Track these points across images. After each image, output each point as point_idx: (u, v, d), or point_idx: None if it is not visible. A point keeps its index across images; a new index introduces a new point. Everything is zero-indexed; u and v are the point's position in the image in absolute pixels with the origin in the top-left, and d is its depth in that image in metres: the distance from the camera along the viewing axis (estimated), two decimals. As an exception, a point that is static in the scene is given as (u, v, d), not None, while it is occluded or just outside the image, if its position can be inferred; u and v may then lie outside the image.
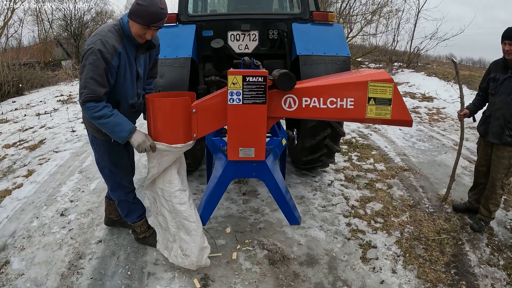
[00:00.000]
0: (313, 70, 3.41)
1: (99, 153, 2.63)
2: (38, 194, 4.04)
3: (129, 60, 2.31)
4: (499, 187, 3.33)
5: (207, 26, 3.79)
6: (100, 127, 2.31)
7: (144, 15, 2.14)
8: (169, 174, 2.44)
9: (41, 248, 3.04)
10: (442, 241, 3.22)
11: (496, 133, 3.24)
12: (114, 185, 2.76)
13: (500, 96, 3.23)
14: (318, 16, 3.77)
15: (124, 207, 2.87)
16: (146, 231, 3.00)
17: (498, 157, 3.30)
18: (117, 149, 2.63)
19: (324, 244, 3.11)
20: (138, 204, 2.92)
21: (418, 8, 14.84)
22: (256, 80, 2.06)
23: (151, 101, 2.24)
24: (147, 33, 2.23)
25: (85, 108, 2.20)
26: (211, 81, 3.72)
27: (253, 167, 2.27)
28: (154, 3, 2.14)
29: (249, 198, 3.87)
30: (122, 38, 2.25)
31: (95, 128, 2.47)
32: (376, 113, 2.28)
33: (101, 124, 2.25)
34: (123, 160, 2.72)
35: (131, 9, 2.19)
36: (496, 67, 3.36)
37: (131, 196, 2.84)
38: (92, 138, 2.59)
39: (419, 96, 10.09)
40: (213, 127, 2.29)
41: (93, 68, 2.12)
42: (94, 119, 2.24)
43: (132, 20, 2.20)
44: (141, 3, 2.13)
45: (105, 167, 2.69)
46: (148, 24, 2.18)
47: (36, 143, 6.06)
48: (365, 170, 4.74)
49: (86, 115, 2.29)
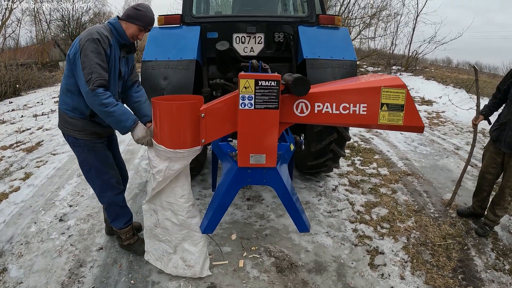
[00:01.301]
0: (320, 74, 3.36)
1: (84, 155, 2.60)
2: (35, 198, 3.96)
3: (114, 58, 2.46)
4: (508, 194, 3.29)
5: (212, 27, 3.73)
6: (104, 116, 2.32)
7: (144, 18, 2.48)
8: (180, 188, 2.40)
9: (40, 255, 2.96)
10: (448, 246, 3.20)
11: (509, 143, 3.14)
12: (102, 186, 2.71)
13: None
14: (324, 20, 3.72)
15: (112, 211, 2.82)
16: (131, 238, 2.95)
17: (510, 166, 3.23)
18: (103, 147, 2.63)
19: (332, 250, 3.07)
20: (126, 208, 2.89)
21: (417, 12, 14.93)
22: (269, 85, 2.00)
23: (158, 104, 2.17)
24: (141, 34, 2.54)
25: (95, 94, 2.23)
26: (215, 84, 3.67)
27: (263, 174, 2.20)
28: (150, 10, 2.54)
29: (253, 204, 3.80)
30: (111, 36, 2.44)
31: (76, 129, 2.50)
32: (389, 119, 2.23)
33: (108, 112, 2.28)
34: (110, 159, 2.70)
35: (129, 14, 2.47)
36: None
37: (121, 199, 2.80)
38: (73, 140, 2.56)
39: (419, 100, 10.10)
40: (223, 132, 2.22)
41: (96, 54, 2.26)
42: (102, 106, 2.26)
43: (130, 23, 2.48)
44: (141, 9, 2.48)
45: (91, 168, 2.63)
46: (145, 26, 2.52)
47: (33, 145, 5.97)
48: (369, 174, 4.70)
49: (94, 103, 2.27)
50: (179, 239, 2.54)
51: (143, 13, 2.47)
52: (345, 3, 14.94)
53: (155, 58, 3.42)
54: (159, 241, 2.64)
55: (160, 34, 3.63)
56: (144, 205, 2.56)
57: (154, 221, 2.56)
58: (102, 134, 2.61)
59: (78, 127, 2.49)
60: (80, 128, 2.49)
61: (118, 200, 2.77)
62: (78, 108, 2.45)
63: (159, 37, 3.60)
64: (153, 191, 2.39)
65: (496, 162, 3.35)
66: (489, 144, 3.44)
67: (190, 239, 2.54)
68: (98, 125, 2.54)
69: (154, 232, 2.61)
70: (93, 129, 2.53)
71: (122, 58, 2.55)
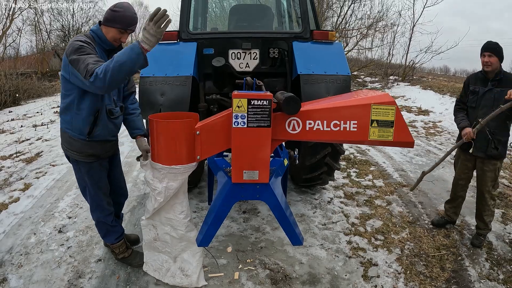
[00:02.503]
0: (314, 89, 3.44)
1: (79, 174, 2.67)
2: (35, 209, 4.02)
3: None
4: (489, 199, 3.39)
5: (208, 44, 3.81)
6: (118, 70, 2.05)
7: (121, 19, 2.35)
8: (179, 205, 2.47)
9: (39, 265, 3.00)
10: (442, 257, 3.24)
11: (481, 146, 3.27)
12: (93, 205, 2.79)
13: (482, 109, 3.25)
14: (318, 35, 3.80)
15: (102, 228, 2.89)
16: (125, 252, 2.99)
17: (484, 171, 3.35)
18: (98, 169, 2.66)
19: (326, 262, 3.11)
20: (116, 226, 2.93)
21: (413, 22, 15.12)
22: (261, 104, 2.07)
23: (155, 122, 2.24)
24: (123, 36, 2.43)
25: (96, 77, 2.07)
26: (211, 99, 3.74)
27: (257, 189, 2.27)
28: (129, 9, 2.37)
29: (249, 217, 3.86)
30: (95, 44, 2.39)
31: (74, 150, 2.53)
32: (379, 135, 2.29)
33: (114, 67, 2.05)
34: (103, 181, 2.74)
35: (106, 17, 2.37)
36: (475, 80, 3.39)
37: (110, 219, 2.85)
38: (73, 160, 2.62)
39: (415, 110, 10.19)
40: (217, 149, 2.29)
41: (85, 53, 2.20)
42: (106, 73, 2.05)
43: (108, 27, 2.38)
44: (117, 10, 2.35)
45: (86, 187, 2.72)
46: (125, 28, 2.39)
47: (32, 155, 6.04)
48: (364, 186, 4.76)
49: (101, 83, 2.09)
50: (179, 250, 2.61)
51: (120, 13, 2.34)
52: (342, 14, 15.11)
53: (153, 74, 3.50)
54: (159, 252, 2.70)
55: (158, 50, 3.69)
56: (143, 221, 2.61)
57: (154, 235, 2.62)
58: (101, 156, 2.64)
59: (76, 148, 2.52)
60: (78, 150, 2.52)
61: (107, 221, 2.84)
62: (76, 126, 2.46)
63: (156, 53, 3.66)
64: (154, 210, 2.46)
65: (468, 167, 3.49)
66: (459, 152, 3.56)
67: (189, 249, 2.61)
68: (96, 145, 2.56)
69: (153, 244, 2.67)
70: (91, 151, 2.55)
71: None
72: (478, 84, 3.34)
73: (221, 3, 11.44)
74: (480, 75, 3.35)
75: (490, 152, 3.25)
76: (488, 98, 3.23)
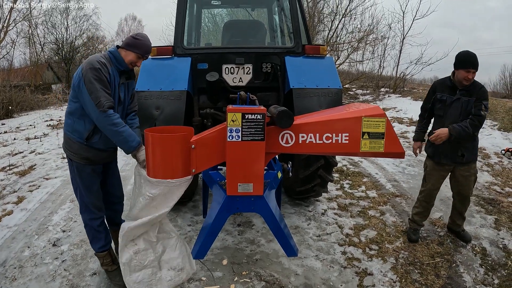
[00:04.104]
0: (306, 102, 3.50)
1: (73, 174, 2.81)
2: (28, 223, 4.01)
3: (114, 84, 2.64)
4: (469, 200, 3.59)
5: (202, 59, 3.88)
6: (114, 135, 2.51)
7: (141, 47, 2.67)
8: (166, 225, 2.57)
9: (34, 279, 3.00)
10: (437, 264, 3.28)
11: (449, 154, 3.33)
12: (82, 206, 2.86)
13: (450, 118, 3.27)
14: (310, 50, 3.89)
15: (89, 232, 2.94)
16: (108, 265, 2.99)
17: (465, 177, 3.42)
18: (89, 173, 2.76)
19: (321, 273, 3.13)
20: (102, 233, 2.94)
21: (403, 35, 15.39)
22: (255, 118, 2.13)
23: (150, 136, 2.28)
24: (139, 61, 2.73)
25: (106, 116, 2.44)
26: (206, 113, 3.79)
27: (251, 201, 2.31)
28: (148, 39, 2.73)
29: (244, 229, 3.87)
30: (110, 64, 2.63)
31: (71, 151, 2.69)
32: (370, 147, 2.35)
33: (118, 132, 2.49)
34: (95, 185, 2.83)
35: (128, 42, 2.67)
36: (442, 88, 3.36)
37: (96, 224, 2.89)
38: (68, 160, 2.78)
39: (407, 121, 10.30)
40: (212, 162, 2.33)
41: (100, 81, 2.47)
42: (113, 126, 2.47)
43: (129, 51, 2.66)
44: (139, 38, 2.68)
45: (77, 188, 2.82)
46: (143, 54, 2.71)
47: (26, 168, 6.02)
48: (357, 197, 4.80)
49: (105, 124, 2.47)
50: (160, 253, 2.57)
51: (141, 42, 2.67)
52: (333, 28, 15.34)
53: (148, 88, 3.55)
54: (141, 269, 2.56)
55: (153, 65, 3.77)
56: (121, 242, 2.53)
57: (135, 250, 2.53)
58: (94, 161, 2.74)
59: (73, 149, 2.68)
60: (74, 151, 2.68)
61: (93, 224, 2.88)
62: (77, 130, 2.64)
63: (151, 68, 3.74)
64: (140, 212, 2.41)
65: (444, 177, 3.54)
66: (430, 164, 3.55)
67: (168, 248, 2.59)
68: (92, 150, 2.69)
69: (133, 263, 2.54)
70: (85, 154, 2.69)
71: (121, 84, 2.73)
72: (445, 92, 3.32)
73: (213, 18, 11.61)
74: (449, 83, 3.31)
75: (458, 159, 3.31)
76: (456, 107, 3.24)
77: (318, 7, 15.96)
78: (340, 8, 15.18)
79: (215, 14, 12.62)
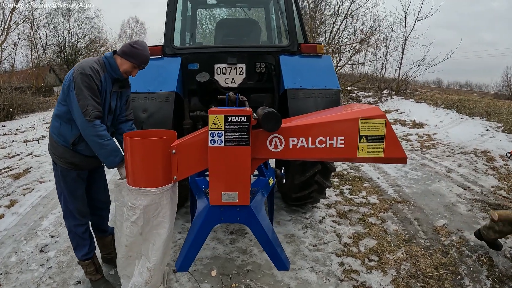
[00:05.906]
0: (301, 104, 3.32)
1: (57, 179, 2.68)
2: (18, 227, 3.95)
3: (105, 92, 2.49)
4: None
5: (193, 59, 3.72)
6: (97, 147, 2.38)
7: (139, 56, 2.51)
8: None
9: (18, 286, 2.93)
10: (441, 277, 3.09)
11: None
12: (66, 212, 2.75)
13: None
14: (306, 48, 3.71)
15: (73, 239, 2.81)
16: (92, 274, 2.86)
17: None
18: (74, 178, 2.64)
19: (316, 286, 2.95)
20: (86, 240, 2.82)
21: (405, 36, 15.21)
22: (239, 120, 1.94)
23: (129, 140, 2.09)
24: (135, 71, 2.59)
25: (92, 126, 2.31)
26: (196, 116, 3.61)
27: (237, 212, 2.12)
28: (147, 49, 2.57)
29: (236, 238, 3.68)
30: (104, 71, 2.48)
31: (56, 154, 2.57)
32: (368, 152, 2.16)
33: (102, 145, 2.35)
34: (79, 191, 2.70)
35: (124, 50, 2.51)
36: None
37: (80, 230, 2.78)
38: (53, 164, 2.66)
39: (410, 123, 10.12)
40: (195, 169, 2.15)
41: (90, 89, 2.33)
42: (97, 137, 2.34)
43: (124, 59, 2.51)
44: (137, 47, 2.51)
45: (61, 193, 2.70)
46: (140, 64, 2.56)
47: (21, 171, 5.99)
48: (358, 204, 4.60)
49: (89, 133, 2.34)
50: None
51: (139, 51, 2.51)
52: (334, 29, 15.18)
53: (135, 90, 3.38)
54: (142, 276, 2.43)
55: None
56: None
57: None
58: (79, 166, 2.61)
59: (58, 153, 2.55)
60: (59, 155, 2.55)
61: (78, 231, 2.77)
62: (63, 134, 2.50)
63: None
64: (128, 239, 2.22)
65: None
66: None
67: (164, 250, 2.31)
68: (78, 156, 2.55)
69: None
70: (71, 159, 2.55)
71: (113, 92, 2.58)
72: None
73: (211, 18, 11.48)
74: None
75: None
76: None
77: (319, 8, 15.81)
78: (342, 10, 15.05)
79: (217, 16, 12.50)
